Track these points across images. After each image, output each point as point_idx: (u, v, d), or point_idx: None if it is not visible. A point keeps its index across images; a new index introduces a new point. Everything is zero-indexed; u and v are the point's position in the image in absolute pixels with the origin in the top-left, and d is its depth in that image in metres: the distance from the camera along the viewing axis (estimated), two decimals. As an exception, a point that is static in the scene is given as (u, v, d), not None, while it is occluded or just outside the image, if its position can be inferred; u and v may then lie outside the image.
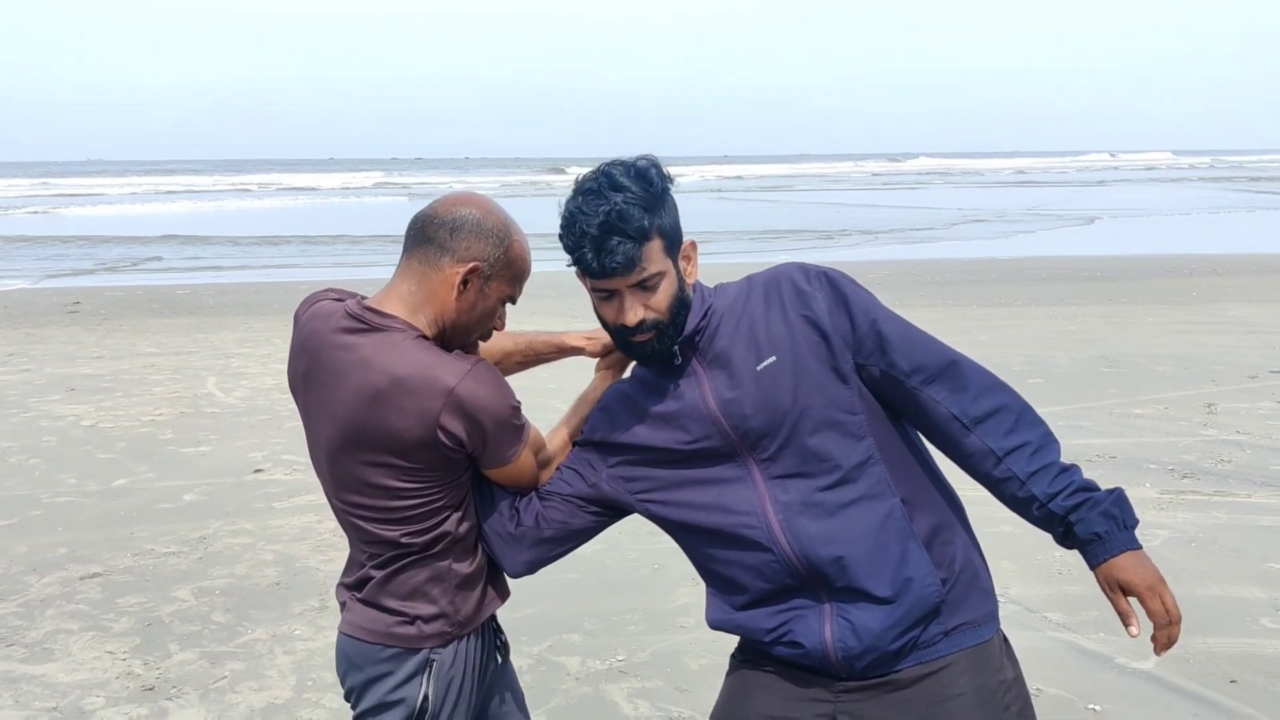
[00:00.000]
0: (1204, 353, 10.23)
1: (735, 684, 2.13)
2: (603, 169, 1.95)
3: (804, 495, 1.95)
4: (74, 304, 15.35)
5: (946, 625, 1.98)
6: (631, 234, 1.88)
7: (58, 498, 6.54)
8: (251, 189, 56.53)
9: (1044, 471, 1.94)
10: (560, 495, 2.13)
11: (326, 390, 2.05)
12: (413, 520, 2.06)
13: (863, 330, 1.97)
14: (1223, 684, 3.93)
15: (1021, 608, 4.64)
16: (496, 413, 2.00)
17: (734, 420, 1.96)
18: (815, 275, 2.00)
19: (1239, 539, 5.38)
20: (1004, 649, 2.07)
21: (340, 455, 2.06)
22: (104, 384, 9.81)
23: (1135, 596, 1.93)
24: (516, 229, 2.10)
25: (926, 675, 1.97)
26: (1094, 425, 7.64)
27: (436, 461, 2.02)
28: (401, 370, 1.96)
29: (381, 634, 2.12)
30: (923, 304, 13.64)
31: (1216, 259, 19.12)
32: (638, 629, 4.54)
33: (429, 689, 2.10)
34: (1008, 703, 2.01)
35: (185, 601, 4.96)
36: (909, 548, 1.94)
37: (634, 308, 1.93)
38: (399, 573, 2.10)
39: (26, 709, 3.97)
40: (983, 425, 1.96)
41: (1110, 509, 1.91)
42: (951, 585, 1.98)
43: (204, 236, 27.54)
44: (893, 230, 27.62)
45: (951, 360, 1.98)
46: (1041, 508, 1.95)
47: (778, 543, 1.95)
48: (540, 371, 2.61)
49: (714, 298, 2.04)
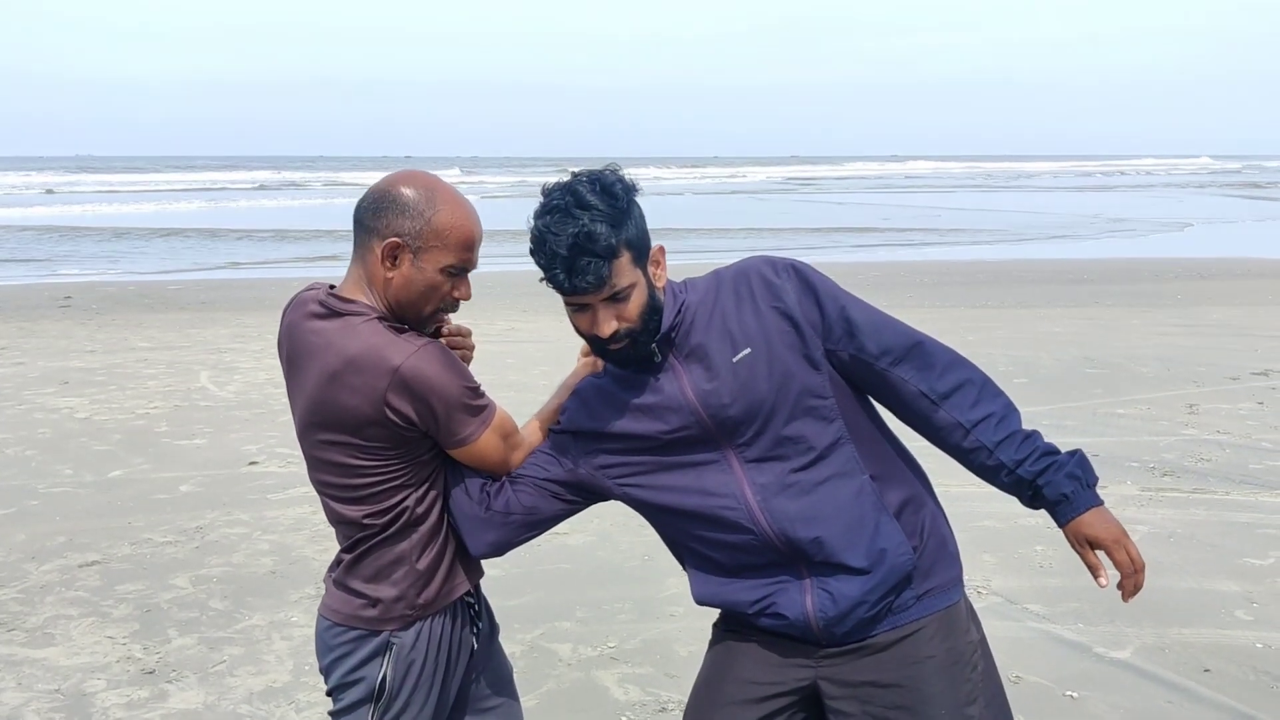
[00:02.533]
0: (1186, 355, 10.37)
1: (719, 652, 2.23)
2: (569, 184, 1.98)
3: (780, 477, 2.05)
4: (65, 299, 15.38)
5: (918, 590, 2.10)
6: (600, 252, 1.92)
7: (55, 488, 6.61)
8: (253, 185, 56.40)
9: (1009, 440, 2.06)
10: (533, 479, 2.18)
11: (300, 374, 2.14)
12: (372, 499, 2.12)
13: (832, 317, 2.06)
14: (1196, 672, 4.05)
15: (1003, 599, 4.75)
16: (444, 392, 2.04)
17: (712, 411, 2.04)
18: (783, 267, 2.09)
19: (1216, 535, 5.51)
20: (969, 612, 2.19)
21: (307, 434, 2.14)
22: (97, 377, 9.86)
23: (1102, 549, 2.06)
24: (446, 198, 2.08)
25: (901, 639, 2.08)
26: (1077, 424, 7.76)
27: (390, 439, 2.07)
28: (353, 350, 2.04)
29: (346, 615, 2.20)
30: (912, 304, 13.77)
31: (1201, 263, 19.31)
32: (628, 617, 4.64)
33: (388, 670, 2.17)
34: (974, 662, 2.14)
35: (183, 589, 5.04)
36: (881, 520, 2.06)
37: (607, 320, 2.00)
38: (364, 556, 2.18)
39: (29, 691, 4.05)
40: (949, 400, 2.07)
41: (1074, 470, 2.04)
42: (921, 552, 2.11)
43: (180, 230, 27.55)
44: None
45: (916, 341, 2.10)
46: (1010, 474, 2.07)
47: (758, 523, 2.05)
48: (532, 368, 2.68)
49: (685, 294, 2.11)
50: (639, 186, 2.03)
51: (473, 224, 2.10)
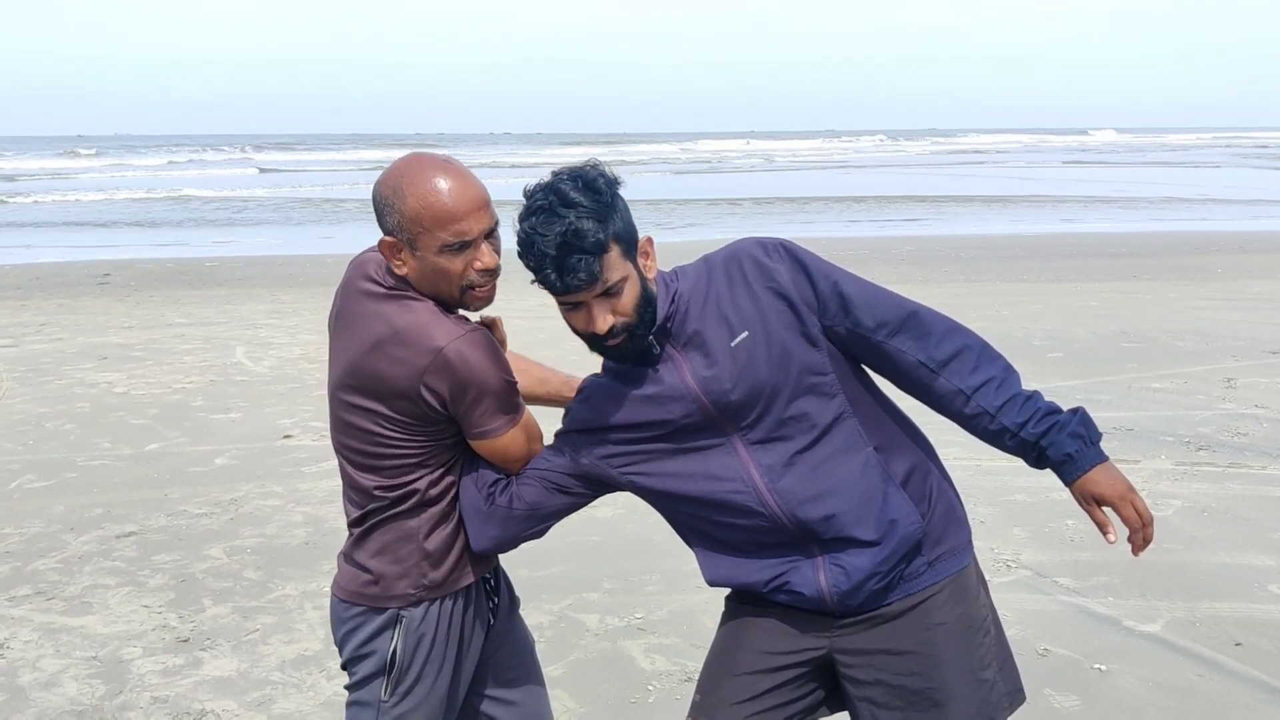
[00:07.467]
0: (1225, 328, 10.23)
1: (732, 625, 2.23)
2: (551, 184, 1.96)
3: (785, 457, 2.04)
4: (104, 275, 15.59)
5: (929, 556, 2.10)
6: (589, 249, 1.91)
7: (93, 461, 6.73)
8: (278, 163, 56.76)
9: (1011, 403, 2.05)
10: (537, 473, 2.19)
11: (345, 333, 2.16)
12: (385, 471, 2.14)
13: (825, 294, 2.06)
14: (1228, 646, 4.01)
15: (1033, 572, 4.72)
16: (483, 381, 2.05)
17: (714, 397, 2.04)
18: (773, 247, 2.08)
19: (1251, 509, 5.44)
20: (979, 578, 2.19)
21: (338, 393, 2.16)
22: (135, 353, 10.00)
23: (1109, 506, 2.04)
24: (412, 183, 2.02)
25: (914, 606, 2.09)
26: (1112, 398, 7.68)
27: (417, 416, 2.08)
28: (402, 323, 2.06)
29: (352, 591, 2.22)
30: (945, 279, 13.66)
31: (1244, 236, 19.00)
32: (655, 589, 4.66)
33: (398, 643, 2.19)
34: (987, 628, 2.14)
35: (218, 559, 5.12)
36: (888, 491, 2.05)
37: (602, 315, 1.99)
38: (371, 530, 2.20)
39: (67, 658, 4.13)
40: (948, 367, 2.06)
41: (1077, 429, 2.03)
42: (930, 518, 2.10)
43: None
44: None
45: (911, 310, 2.09)
46: (1014, 437, 2.06)
47: (767, 505, 2.05)
48: (564, 342, 2.61)
49: (677, 282, 2.10)
50: (621, 180, 2.03)
51: (445, 198, 2.01)
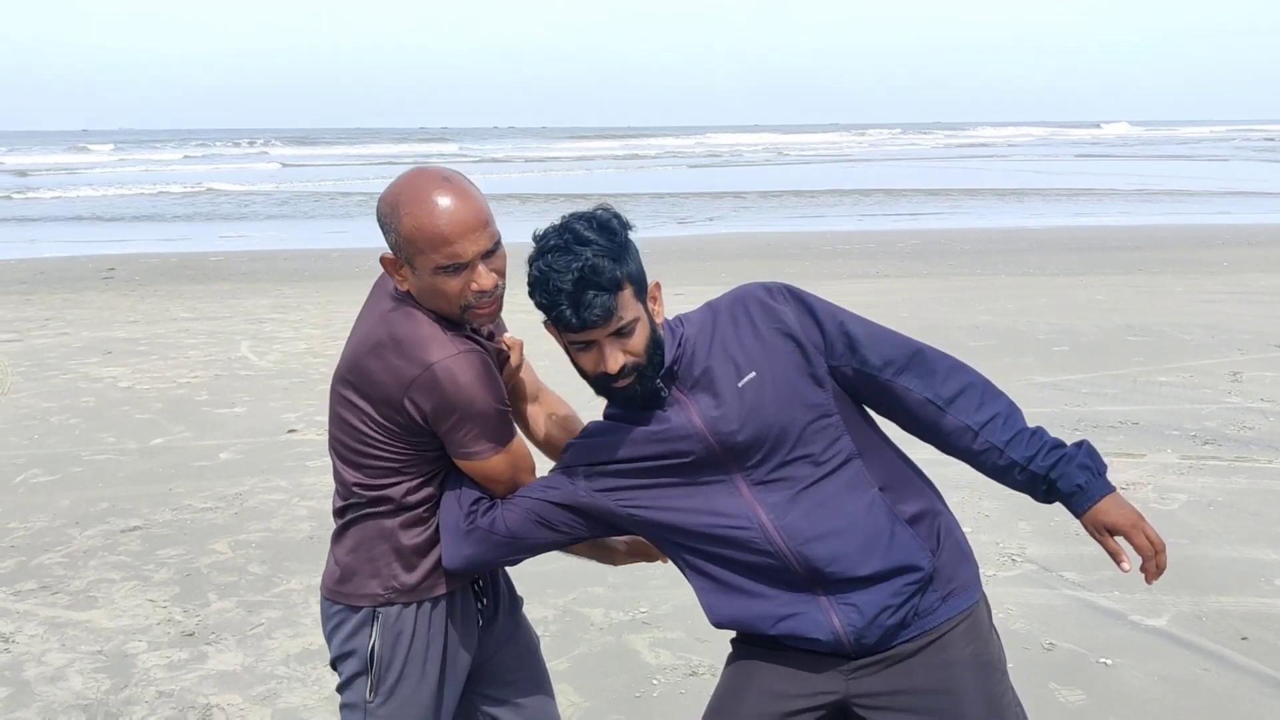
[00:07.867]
0: (1231, 322, 10.20)
1: (740, 665, 2.18)
2: (565, 224, 1.98)
3: (789, 495, 2.03)
4: (109, 270, 15.60)
5: (942, 592, 2.09)
6: (605, 285, 1.93)
7: (98, 455, 6.73)
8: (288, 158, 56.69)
9: (1018, 438, 2.07)
10: (527, 502, 2.16)
11: (358, 328, 2.17)
12: (366, 470, 2.14)
13: (832, 334, 2.07)
14: (1234, 640, 4.01)
15: (1038, 567, 4.72)
16: (468, 403, 2.03)
17: (721, 437, 2.03)
18: (778, 290, 2.10)
19: (1257, 503, 5.43)
20: (988, 611, 2.19)
21: (336, 385, 2.17)
22: (140, 347, 10.01)
23: (1122, 534, 2.06)
24: (409, 203, 2.00)
25: (930, 643, 2.07)
26: (1118, 392, 7.67)
27: (400, 425, 2.08)
28: (402, 331, 2.06)
29: (329, 589, 2.24)
30: (950, 273, 13.64)
31: (1251, 229, 18.95)
32: (660, 583, 4.65)
33: (376, 641, 2.19)
34: (1002, 669, 2.15)
35: (222, 554, 5.12)
36: (896, 529, 2.05)
37: (614, 354, 1.99)
38: (349, 525, 2.20)
39: (73, 652, 4.14)
40: (955, 404, 2.08)
41: (1084, 461, 2.04)
42: (940, 554, 2.10)
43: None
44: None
45: (916, 349, 2.11)
46: (1023, 471, 2.06)
47: (774, 541, 2.03)
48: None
49: (683, 328, 2.11)
50: (633, 224, 2.05)
51: (439, 220, 1.98)
